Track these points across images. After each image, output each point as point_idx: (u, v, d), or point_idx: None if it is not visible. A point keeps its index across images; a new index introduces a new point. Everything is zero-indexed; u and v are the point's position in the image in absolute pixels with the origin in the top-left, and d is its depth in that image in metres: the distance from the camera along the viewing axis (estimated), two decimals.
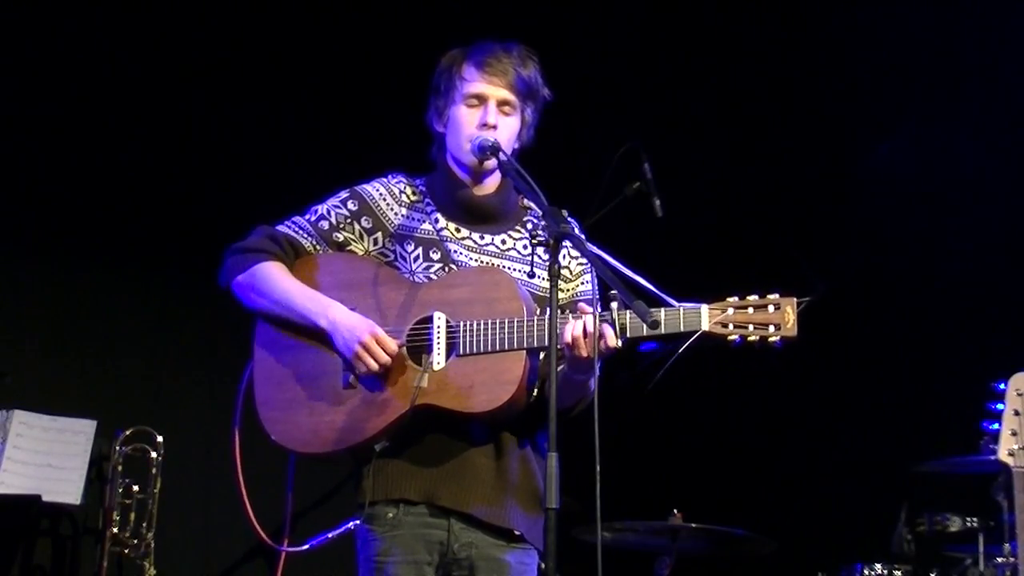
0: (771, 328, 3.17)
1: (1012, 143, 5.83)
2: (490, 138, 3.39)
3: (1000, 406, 3.88)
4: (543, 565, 3.30)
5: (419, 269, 3.44)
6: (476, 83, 3.45)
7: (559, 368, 3.29)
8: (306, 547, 3.42)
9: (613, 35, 6.36)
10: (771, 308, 3.18)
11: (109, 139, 5.73)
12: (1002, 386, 3.89)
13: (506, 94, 3.45)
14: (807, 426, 6.11)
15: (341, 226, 3.49)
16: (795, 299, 3.19)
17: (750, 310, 3.18)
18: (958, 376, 5.26)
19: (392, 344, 3.30)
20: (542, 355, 3.31)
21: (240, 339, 3.56)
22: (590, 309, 3.17)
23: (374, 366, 3.30)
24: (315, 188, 3.60)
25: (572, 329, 3.16)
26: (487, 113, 3.43)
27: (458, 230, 3.50)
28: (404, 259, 3.46)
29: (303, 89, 6.01)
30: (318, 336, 3.39)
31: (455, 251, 3.46)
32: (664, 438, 6.26)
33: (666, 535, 5.10)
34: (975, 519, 5.04)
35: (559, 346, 3.12)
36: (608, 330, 3.14)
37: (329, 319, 3.35)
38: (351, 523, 3.36)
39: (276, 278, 3.42)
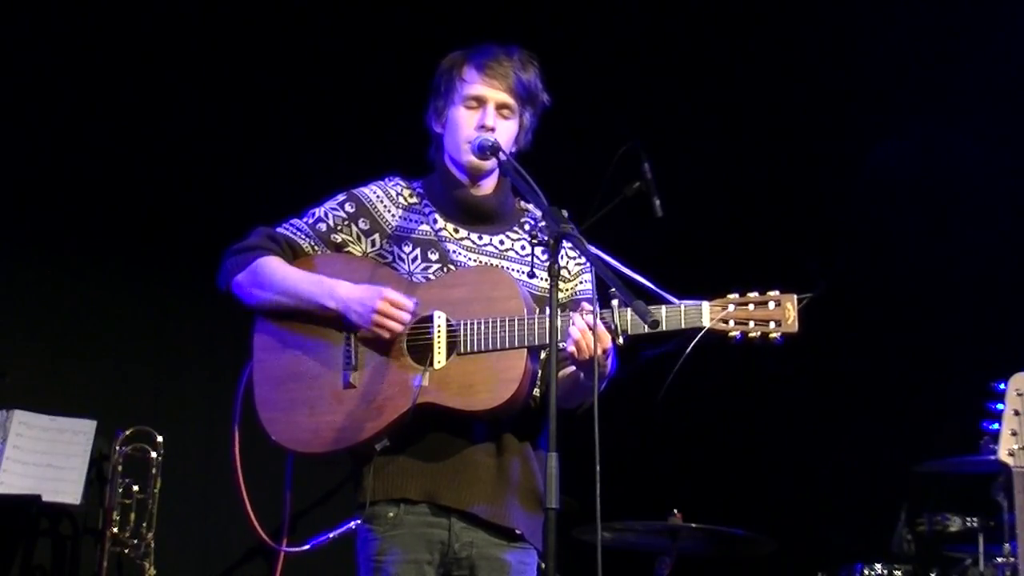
0: (772, 324, 3.19)
1: (1012, 143, 5.83)
2: (490, 138, 3.39)
3: (1000, 406, 3.90)
4: (543, 565, 3.31)
5: (417, 270, 3.44)
6: (476, 85, 3.45)
7: (569, 371, 3.31)
8: (307, 547, 3.43)
9: (613, 34, 6.36)
10: (772, 304, 3.20)
11: (109, 140, 5.73)
12: (1002, 386, 3.91)
13: (505, 97, 3.45)
14: (807, 426, 6.11)
15: (339, 228, 3.49)
16: (795, 296, 3.20)
17: (751, 306, 3.20)
18: (958, 376, 5.26)
19: (407, 301, 3.30)
20: (543, 354, 3.31)
21: (240, 339, 3.56)
22: (590, 308, 3.17)
23: (397, 327, 3.29)
24: (314, 191, 3.61)
25: (573, 333, 3.16)
26: (486, 115, 3.44)
27: (456, 230, 3.50)
28: (402, 260, 3.46)
29: (303, 92, 6.01)
30: (321, 331, 3.39)
31: (454, 251, 3.46)
32: (664, 438, 6.26)
33: (666, 535, 5.10)
34: (975, 519, 5.04)
35: (560, 348, 3.13)
36: (602, 329, 3.14)
37: (337, 297, 3.34)
38: (351, 523, 3.36)
39: (278, 269, 3.42)
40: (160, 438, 5.32)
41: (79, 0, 5.72)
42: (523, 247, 3.50)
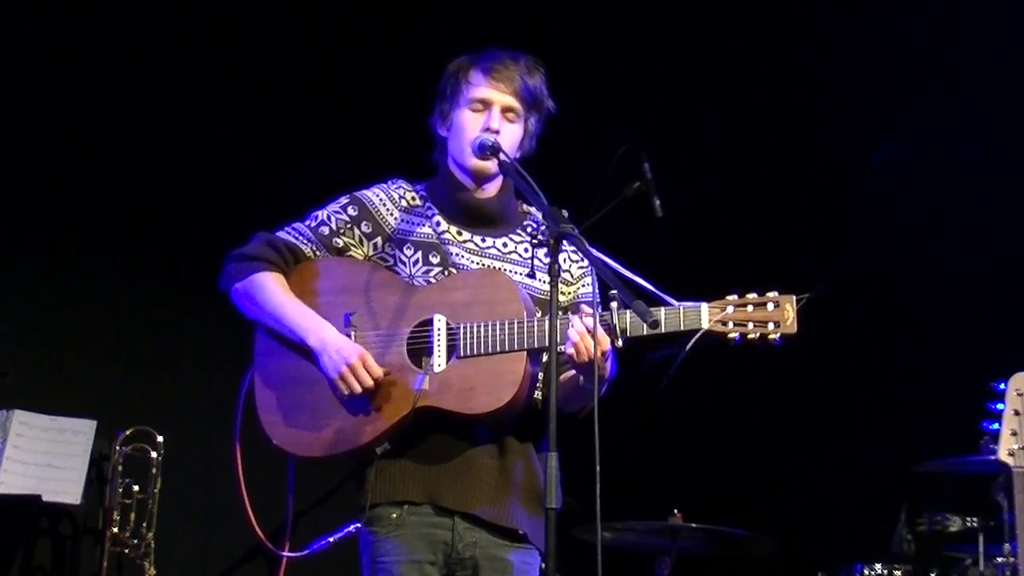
0: (771, 326, 3.19)
1: (1012, 143, 5.83)
2: (490, 138, 3.40)
3: (1000, 406, 3.90)
4: (543, 565, 3.31)
5: (418, 273, 3.45)
6: (482, 88, 3.47)
7: (570, 375, 3.31)
8: (307, 552, 3.42)
9: (613, 35, 6.36)
10: (770, 306, 3.20)
11: (110, 141, 5.73)
12: (1002, 386, 3.91)
13: (511, 101, 3.46)
14: (807, 426, 6.11)
15: (341, 231, 3.50)
16: (794, 297, 3.20)
17: (750, 308, 3.20)
18: (958, 376, 5.26)
19: (378, 370, 3.31)
20: (544, 357, 3.31)
21: (240, 340, 3.57)
22: (590, 310, 3.17)
23: (357, 389, 3.31)
24: (316, 194, 3.61)
25: (572, 336, 3.16)
26: (490, 118, 3.45)
27: (459, 233, 3.50)
28: (403, 263, 3.47)
29: (306, 94, 6.00)
30: None
31: (456, 254, 3.46)
32: (664, 438, 6.25)
33: (666, 535, 5.10)
34: (975, 519, 5.04)
35: (560, 351, 3.13)
36: (601, 331, 3.14)
37: (319, 338, 3.36)
38: (352, 527, 3.36)
39: (271, 291, 3.43)
40: (160, 438, 5.32)
41: (85, 3, 5.73)
42: (526, 250, 3.50)
